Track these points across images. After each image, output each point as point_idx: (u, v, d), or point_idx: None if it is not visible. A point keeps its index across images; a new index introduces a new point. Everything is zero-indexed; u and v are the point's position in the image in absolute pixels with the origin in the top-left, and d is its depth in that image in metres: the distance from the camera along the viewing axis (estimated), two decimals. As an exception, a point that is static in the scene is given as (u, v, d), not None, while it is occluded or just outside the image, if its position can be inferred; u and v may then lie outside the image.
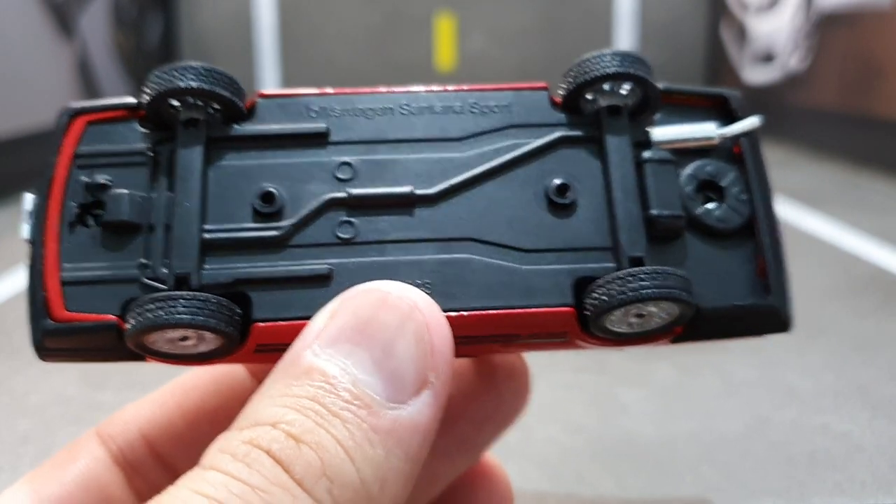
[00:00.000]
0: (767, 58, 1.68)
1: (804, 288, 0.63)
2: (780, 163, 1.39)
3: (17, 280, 0.68)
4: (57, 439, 0.38)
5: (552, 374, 0.45)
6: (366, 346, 0.14)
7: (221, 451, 0.13)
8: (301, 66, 2.08)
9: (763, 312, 0.17)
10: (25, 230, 0.17)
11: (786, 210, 0.95)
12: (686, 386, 0.43)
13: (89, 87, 1.45)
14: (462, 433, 0.21)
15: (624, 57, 0.17)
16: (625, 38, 2.06)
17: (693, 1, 2.05)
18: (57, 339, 0.16)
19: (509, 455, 0.36)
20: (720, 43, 1.96)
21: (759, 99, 1.73)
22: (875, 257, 0.72)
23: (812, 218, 0.90)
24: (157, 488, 0.18)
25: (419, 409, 0.14)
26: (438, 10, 2.07)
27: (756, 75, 1.75)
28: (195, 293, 0.15)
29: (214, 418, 0.20)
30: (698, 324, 0.17)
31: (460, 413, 0.21)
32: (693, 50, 2.07)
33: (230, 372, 0.21)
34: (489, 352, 0.20)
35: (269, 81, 2.06)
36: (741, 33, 1.82)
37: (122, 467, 0.19)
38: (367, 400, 0.13)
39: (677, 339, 0.17)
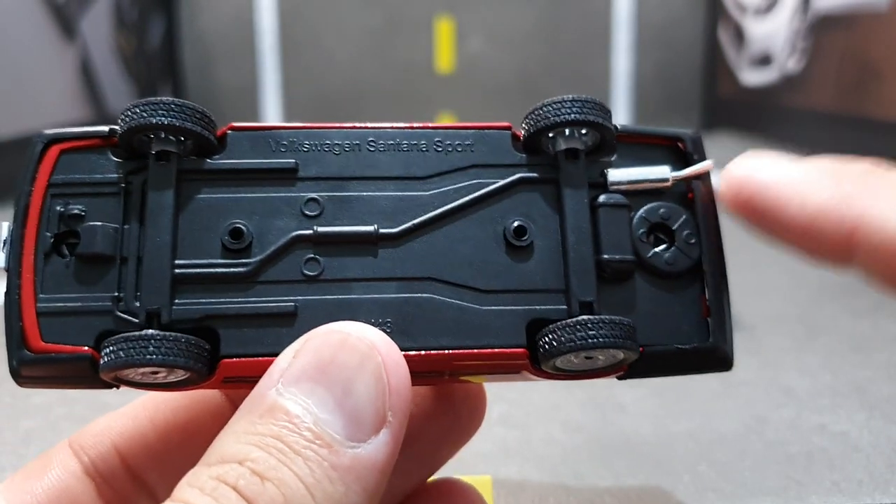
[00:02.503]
0: (765, 60, 1.68)
1: (801, 288, 0.63)
2: (777, 164, 1.39)
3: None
4: (60, 440, 0.39)
5: (552, 374, 0.45)
6: (326, 386, 0.15)
7: (190, 485, 0.14)
8: (301, 68, 2.08)
9: (705, 354, 0.18)
10: (1, 259, 0.17)
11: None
12: (684, 386, 0.43)
13: (91, 89, 1.46)
14: (420, 451, 0.21)
15: (584, 104, 0.18)
16: (623, 40, 2.07)
17: (690, 3, 2.06)
18: (33, 368, 0.17)
19: (508, 454, 0.36)
20: (718, 45, 1.97)
21: (756, 101, 1.73)
22: (872, 258, 0.72)
23: (809, 219, 0.90)
24: (127, 499, 0.19)
25: (377, 448, 0.15)
26: (438, 13, 2.08)
27: (753, 77, 1.75)
28: (165, 333, 0.16)
29: (185, 432, 0.21)
30: (643, 363, 0.18)
31: (419, 432, 0.21)
32: (691, 52, 2.07)
33: None
34: (446, 383, 0.21)
35: (269, 83, 2.06)
36: (738, 35, 1.83)
37: (93, 478, 0.20)
38: (327, 439, 0.14)
39: (623, 375, 0.18)
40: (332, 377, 0.15)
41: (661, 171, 0.19)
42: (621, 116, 2.05)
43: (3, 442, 0.38)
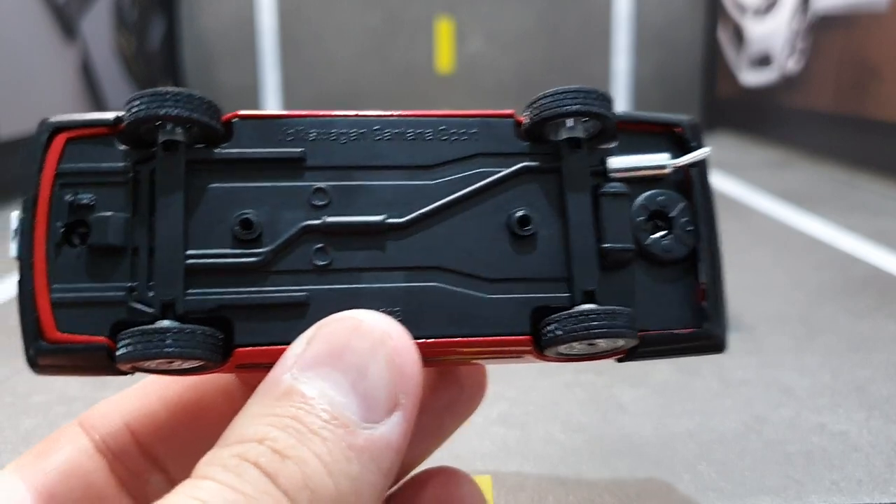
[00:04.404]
0: (764, 60, 1.68)
1: (801, 288, 0.63)
2: (776, 164, 1.39)
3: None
4: (60, 439, 0.39)
5: (552, 373, 0.45)
6: (341, 370, 0.15)
7: (211, 463, 0.14)
8: (302, 67, 2.08)
9: (700, 338, 0.19)
10: (13, 248, 0.17)
11: (782, 211, 0.95)
12: (684, 385, 0.43)
13: (91, 89, 1.46)
14: (425, 423, 0.22)
15: (587, 94, 0.18)
16: (622, 40, 2.07)
17: (690, 4, 2.06)
18: (50, 357, 0.17)
19: (509, 453, 0.36)
20: (717, 45, 1.97)
21: (755, 101, 1.74)
22: (871, 258, 0.72)
23: (808, 219, 0.90)
24: (139, 476, 0.19)
25: (391, 429, 0.15)
26: (438, 13, 2.08)
27: (753, 77, 1.75)
28: (182, 326, 0.16)
29: (195, 408, 0.21)
30: (642, 347, 0.18)
31: (423, 405, 0.22)
32: (690, 52, 2.07)
33: None
34: (452, 366, 0.21)
35: (269, 83, 2.06)
36: (738, 36, 1.83)
37: (105, 455, 0.20)
38: (343, 420, 0.15)
39: (622, 358, 0.19)
40: (346, 362, 0.15)
41: (660, 159, 0.19)
42: (621, 117, 2.05)
43: (4, 441, 0.38)
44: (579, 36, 2.08)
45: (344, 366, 0.15)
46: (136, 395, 0.21)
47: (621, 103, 2.05)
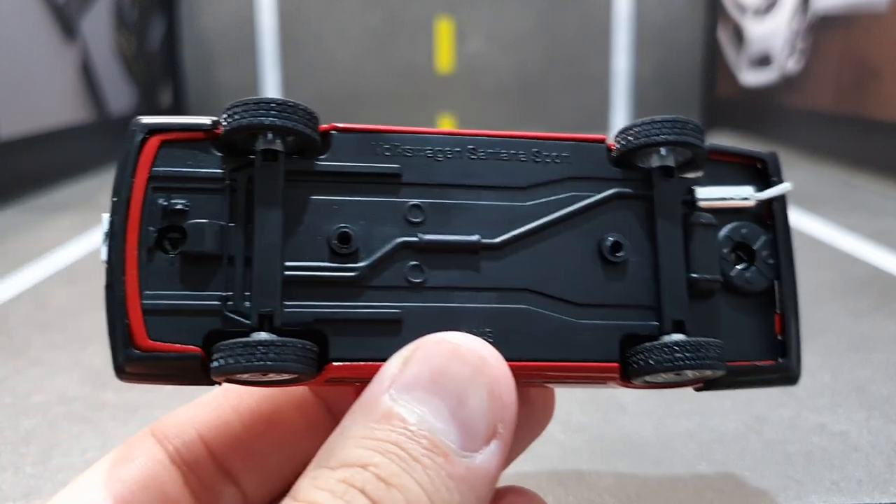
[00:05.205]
0: (764, 60, 1.68)
1: (801, 288, 0.63)
2: (777, 165, 1.39)
3: (20, 281, 0.68)
4: (60, 439, 0.39)
5: (551, 374, 0.45)
6: (440, 396, 0.15)
7: (318, 487, 0.14)
8: (302, 68, 2.08)
9: (778, 370, 0.19)
10: (103, 252, 0.17)
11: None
12: (684, 386, 0.43)
13: (91, 89, 1.46)
14: None
15: (684, 124, 0.18)
16: (623, 40, 2.07)
17: (690, 4, 2.06)
18: (139, 365, 0.17)
19: (509, 454, 0.36)
20: (717, 45, 1.97)
21: (755, 101, 1.74)
22: (871, 258, 0.72)
23: (808, 219, 0.90)
24: (211, 488, 0.19)
25: (489, 459, 0.15)
26: (438, 14, 2.08)
27: (753, 77, 1.75)
28: (284, 340, 0.16)
29: (269, 421, 0.21)
30: (724, 378, 0.19)
31: None
32: (690, 52, 2.07)
33: None
34: (533, 386, 0.21)
35: (269, 83, 2.06)
36: (738, 36, 1.83)
37: (179, 467, 0.19)
38: (443, 448, 0.14)
39: (702, 388, 0.19)
40: (445, 387, 0.15)
41: (745, 191, 0.19)
42: (621, 116, 2.05)
43: (4, 441, 0.38)
44: (579, 36, 2.08)
45: (443, 392, 0.15)
46: (210, 406, 0.20)
47: (621, 103, 2.05)
